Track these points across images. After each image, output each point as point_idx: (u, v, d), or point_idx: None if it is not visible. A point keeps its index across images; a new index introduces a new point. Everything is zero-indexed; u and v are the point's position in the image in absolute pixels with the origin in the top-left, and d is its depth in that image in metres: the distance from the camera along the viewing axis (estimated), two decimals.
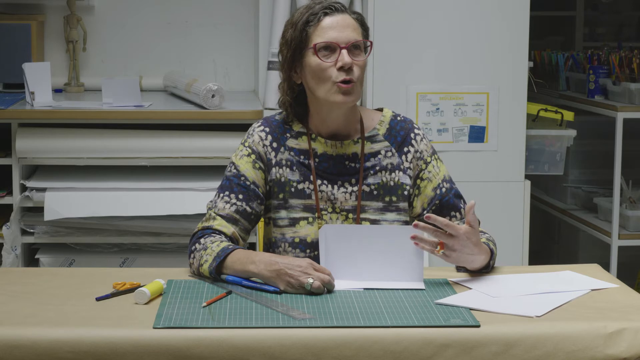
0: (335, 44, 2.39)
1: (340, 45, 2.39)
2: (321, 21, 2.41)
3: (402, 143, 2.51)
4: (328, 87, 2.40)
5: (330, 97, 2.40)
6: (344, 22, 2.41)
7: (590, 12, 6.35)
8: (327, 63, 2.39)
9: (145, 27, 4.38)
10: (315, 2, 2.45)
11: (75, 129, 3.71)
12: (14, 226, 3.64)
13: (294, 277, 2.17)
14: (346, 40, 2.39)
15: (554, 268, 2.42)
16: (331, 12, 2.42)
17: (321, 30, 2.40)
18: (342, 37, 2.39)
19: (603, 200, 4.41)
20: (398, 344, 1.92)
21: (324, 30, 2.40)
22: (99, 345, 1.89)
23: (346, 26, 2.41)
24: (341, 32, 2.40)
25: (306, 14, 2.43)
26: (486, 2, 3.91)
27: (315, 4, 2.45)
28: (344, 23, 2.41)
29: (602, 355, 1.94)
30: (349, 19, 2.42)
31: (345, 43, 2.39)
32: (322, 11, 2.41)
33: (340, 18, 2.41)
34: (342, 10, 2.43)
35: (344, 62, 2.38)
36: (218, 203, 2.43)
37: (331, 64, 2.39)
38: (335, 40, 2.39)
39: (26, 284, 2.25)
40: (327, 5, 2.42)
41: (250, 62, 4.40)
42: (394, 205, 2.48)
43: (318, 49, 2.39)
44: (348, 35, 2.40)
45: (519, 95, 3.95)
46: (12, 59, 4.02)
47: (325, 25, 2.41)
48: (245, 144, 2.49)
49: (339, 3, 2.44)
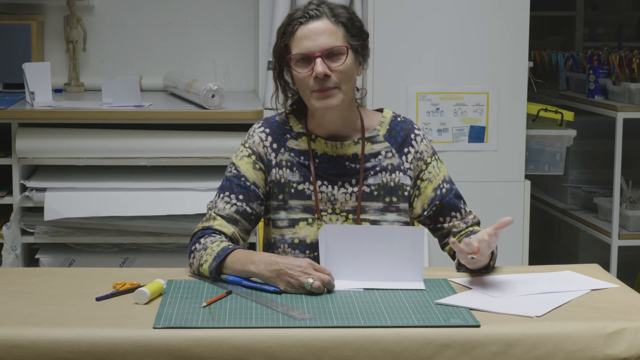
0: (309, 54, 2.38)
1: (314, 55, 2.37)
2: (296, 31, 2.39)
3: (402, 144, 2.51)
4: (308, 94, 2.40)
5: (313, 104, 2.41)
6: (319, 29, 2.39)
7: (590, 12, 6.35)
8: (304, 74, 2.38)
9: (145, 27, 4.38)
10: (296, 9, 2.44)
11: (75, 129, 3.71)
12: (14, 226, 3.64)
13: (294, 277, 2.17)
14: (320, 49, 2.37)
15: (554, 268, 2.42)
16: (306, 20, 2.39)
17: (296, 41, 2.40)
18: (315, 46, 2.37)
19: (603, 200, 4.41)
20: (398, 344, 1.92)
21: (298, 41, 2.39)
22: (99, 345, 1.89)
23: (320, 33, 2.38)
24: (314, 41, 2.38)
25: (285, 24, 2.42)
26: (486, 2, 3.91)
27: (295, 11, 2.43)
28: (318, 30, 2.38)
29: (602, 355, 1.94)
30: (325, 24, 2.39)
31: (319, 52, 2.37)
32: (297, 20, 2.40)
33: (314, 25, 2.39)
34: (318, 15, 2.40)
35: (317, 72, 2.36)
36: (218, 203, 2.43)
37: (307, 73, 2.38)
38: (308, 50, 2.38)
39: (26, 284, 2.25)
40: (301, 15, 2.40)
41: (250, 62, 4.40)
42: (394, 205, 2.48)
43: (295, 61, 2.39)
44: (321, 42, 2.37)
45: (519, 95, 3.95)
46: (12, 59, 4.02)
47: (300, 35, 2.39)
48: (246, 145, 2.49)
49: (317, 8, 2.41)
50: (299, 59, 2.39)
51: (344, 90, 2.40)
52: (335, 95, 2.39)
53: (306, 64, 2.39)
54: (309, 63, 2.38)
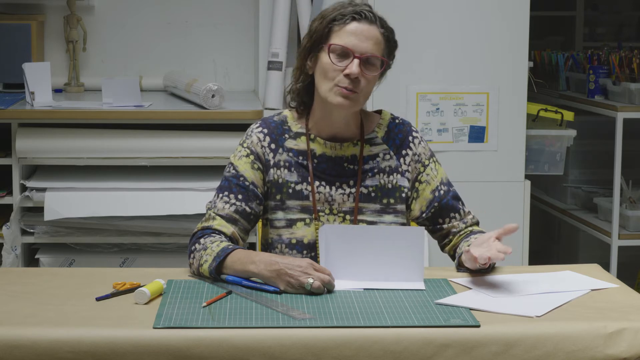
0: (350, 51, 2.37)
1: (355, 54, 2.37)
2: (347, 24, 2.38)
3: (400, 146, 2.51)
4: (330, 86, 2.39)
5: (329, 97, 2.40)
6: (369, 32, 2.38)
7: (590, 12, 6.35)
8: (337, 66, 2.37)
9: (145, 27, 4.38)
10: (351, 3, 2.43)
11: (75, 129, 3.71)
12: (14, 226, 3.64)
13: (294, 277, 2.17)
14: (363, 51, 2.37)
15: (554, 268, 2.42)
16: (360, 18, 2.39)
17: (343, 33, 2.38)
18: (360, 47, 2.37)
19: (603, 200, 4.41)
20: (398, 344, 1.92)
21: (346, 34, 2.38)
22: (99, 345, 1.89)
23: (369, 37, 2.38)
24: (361, 42, 2.37)
25: (337, 11, 2.40)
26: (486, 2, 3.91)
27: (350, 4, 2.42)
28: (368, 34, 2.38)
29: (602, 355, 1.94)
30: (375, 32, 2.39)
31: (361, 54, 2.37)
32: (351, 14, 2.39)
33: (366, 27, 2.39)
34: (372, 20, 2.39)
35: (351, 72, 2.36)
36: (217, 203, 2.43)
37: (340, 68, 2.37)
38: (352, 47, 2.37)
39: (26, 284, 2.25)
40: (358, 11, 2.39)
41: (250, 62, 4.40)
42: (392, 207, 2.48)
43: (333, 50, 2.38)
44: (367, 46, 2.37)
45: (519, 95, 3.95)
46: (12, 59, 4.02)
47: (349, 30, 2.38)
48: (244, 145, 2.49)
49: (372, 13, 2.41)
50: (339, 51, 2.38)
51: (362, 99, 2.41)
52: (355, 99, 2.39)
53: (342, 58, 2.38)
54: (345, 58, 2.37)
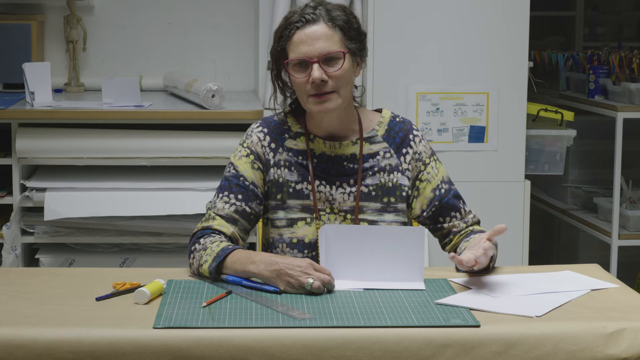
0: (306, 59, 2.37)
1: (312, 60, 2.37)
2: (293, 36, 2.38)
3: (400, 144, 2.51)
4: (305, 98, 2.40)
5: (309, 108, 2.41)
6: (315, 34, 2.38)
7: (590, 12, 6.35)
8: (301, 79, 2.38)
9: (145, 27, 4.38)
10: (293, 12, 2.42)
11: (75, 129, 3.71)
12: (14, 226, 3.64)
13: (294, 277, 2.17)
14: (317, 54, 2.37)
15: (554, 268, 2.42)
16: (302, 24, 2.38)
17: (293, 46, 2.39)
18: (312, 51, 2.37)
19: (603, 200, 4.41)
20: (398, 344, 1.92)
21: (295, 45, 2.38)
22: (99, 345, 1.89)
23: (317, 38, 2.37)
24: (311, 46, 2.37)
25: (282, 26, 2.41)
26: (486, 2, 3.91)
27: (292, 13, 2.42)
28: (315, 35, 2.38)
29: (602, 355, 1.94)
30: (322, 29, 2.38)
31: (317, 57, 2.37)
32: (294, 24, 2.38)
33: (311, 30, 2.38)
34: (315, 20, 2.39)
35: (314, 78, 2.36)
36: (217, 203, 2.43)
37: (305, 78, 2.38)
38: (305, 55, 2.37)
39: (26, 284, 2.25)
40: (298, 18, 2.39)
41: (250, 62, 4.40)
42: (392, 206, 2.48)
43: (292, 66, 2.39)
44: (318, 47, 2.37)
45: (519, 95, 3.95)
46: (12, 59, 4.02)
47: (297, 40, 2.38)
48: (244, 145, 2.49)
49: (314, 12, 2.39)
50: (295, 64, 2.39)
51: (342, 94, 2.40)
52: (333, 99, 2.39)
53: (303, 68, 2.38)
54: (306, 68, 2.38)
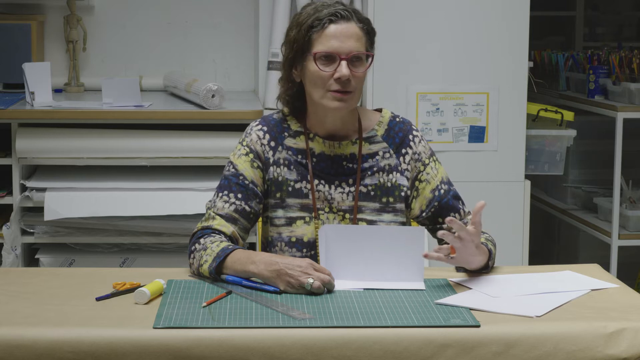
0: (335, 54, 2.37)
1: (341, 56, 2.37)
2: (325, 28, 2.38)
3: (400, 144, 2.51)
4: (322, 93, 2.39)
5: (324, 102, 2.40)
6: (348, 31, 2.39)
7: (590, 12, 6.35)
8: (326, 72, 2.38)
9: (145, 27, 4.38)
10: (323, 5, 2.42)
11: (75, 129, 3.71)
12: (14, 226, 3.64)
13: (294, 277, 2.17)
14: (347, 52, 2.37)
15: (554, 268, 2.42)
16: (337, 19, 2.39)
17: (324, 38, 2.38)
18: (343, 48, 2.37)
19: (603, 200, 4.41)
20: (398, 344, 1.92)
21: (326, 38, 2.38)
22: (99, 345, 1.89)
23: (349, 36, 2.38)
24: (343, 43, 2.37)
25: (312, 17, 2.40)
26: (486, 2, 3.91)
27: (323, 6, 2.41)
28: (348, 33, 2.38)
29: (602, 355, 1.94)
30: (354, 28, 2.39)
31: (346, 54, 2.37)
32: (327, 17, 2.38)
33: (344, 27, 2.39)
34: (348, 17, 2.39)
35: (342, 75, 2.36)
36: (217, 202, 2.43)
37: (329, 73, 2.37)
38: (336, 50, 2.37)
39: (26, 284, 2.25)
40: (333, 12, 2.39)
41: (250, 62, 4.40)
42: (391, 206, 2.48)
43: (318, 57, 2.38)
44: (350, 45, 2.38)
45: (519, 95, 3.95)
46: (12, 59, 4.02)
47: (329, 34, 2.38)
48: (243, 143, 2.49)
49: (347, 10, 2.40)
50: (322, 56, 2.38)
51: (357, 95, 2.41)
52: (350, 99, 2.40)
53: (329, 62, 2.38)
54: (332, 62, 2.38)
